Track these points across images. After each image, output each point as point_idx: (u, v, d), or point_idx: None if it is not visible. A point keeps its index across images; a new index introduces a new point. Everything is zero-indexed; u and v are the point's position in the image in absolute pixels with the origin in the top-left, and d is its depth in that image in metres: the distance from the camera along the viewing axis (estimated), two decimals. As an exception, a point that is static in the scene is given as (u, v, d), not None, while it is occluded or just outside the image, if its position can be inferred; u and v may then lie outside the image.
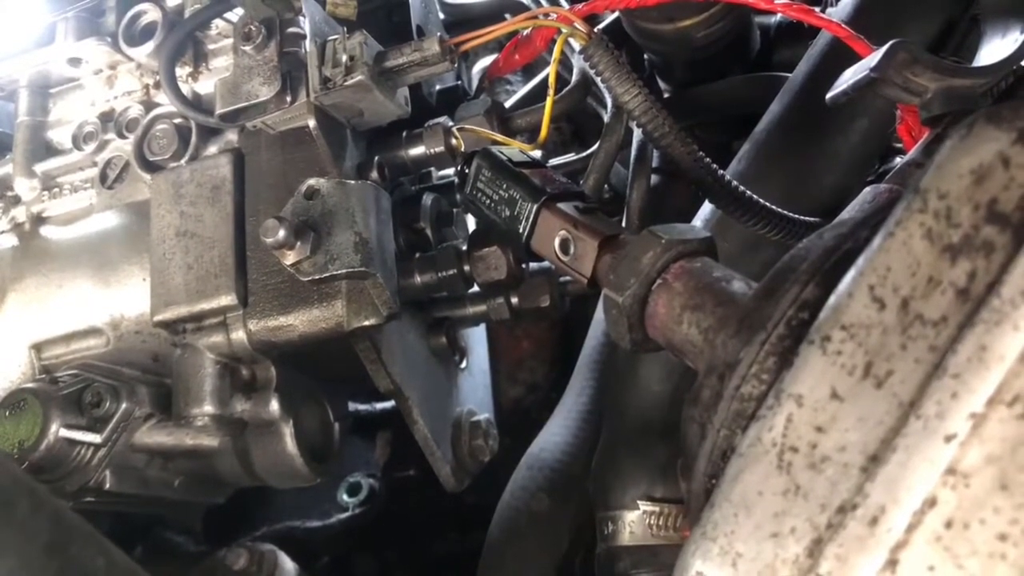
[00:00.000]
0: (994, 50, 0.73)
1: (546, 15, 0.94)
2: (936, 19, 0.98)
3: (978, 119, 0.46)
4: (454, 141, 1.00)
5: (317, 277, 0.88)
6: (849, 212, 0.63)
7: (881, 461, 0.44)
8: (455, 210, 1.12)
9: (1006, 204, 0.44)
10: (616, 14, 1.17)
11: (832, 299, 0.48)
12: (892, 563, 0.42)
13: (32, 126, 1.16)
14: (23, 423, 0.92)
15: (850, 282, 0.48)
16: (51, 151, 1.16)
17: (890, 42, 0.66)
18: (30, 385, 0.96)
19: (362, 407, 1.42)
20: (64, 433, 0.92)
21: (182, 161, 1.04)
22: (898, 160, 1.07)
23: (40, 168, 1.14)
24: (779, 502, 0.47)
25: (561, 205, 0.79)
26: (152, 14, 1.08)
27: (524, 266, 1.01)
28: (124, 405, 0.96)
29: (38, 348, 1.10)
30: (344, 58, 0.90)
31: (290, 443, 0.99)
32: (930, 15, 0.98)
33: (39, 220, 1.14)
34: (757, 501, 0.48)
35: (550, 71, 0.93)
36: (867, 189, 0.65)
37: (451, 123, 1.01)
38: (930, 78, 0.66)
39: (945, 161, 0.46)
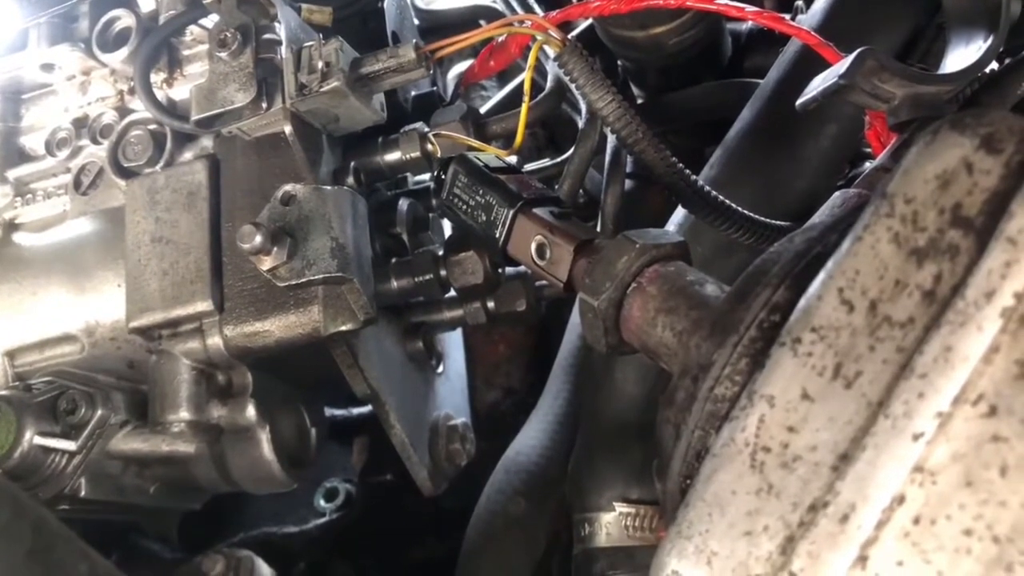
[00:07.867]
0: (959, 57, 0.74)
1: (521, 22, 0.95)
2: (903, 27, 1.00)
3: (943, 125, 0.47)
4: (430, 147, 1.00)
5: (294, 282, 0.88)
6: (819, 216, 0.64)
7: (851, 460, 0.45)
8: (431, 215, 1.12)
9: (970, 208, 0.45)
10: (590, 21, 1.18)
11: (802, 302, 0.50)
12: (862, 559, 0.43)
13: (4, 132, 1.15)
14: (-3, 431, 0.91)
15: (820, 285, 0.49)
16: (24, 157, 1.15)
17: (858, 49, 0.67)
18: (3, 392, 0.95)
19: (339, 412, 1.42)
20: (38, 440, 0.92)
21: (157, 167, 1.03)
22: (867, 165, 1.09)
23: (13, 174, 1.13)
24: (752, 501, 0.48)
25: (537, 210, 0.79)
26: (126, 20, 1.07)
27: (500, 271, 1.02)
28: (99, 412, 0.95)
29: (11, 355, 1.08)
30: (320, 64, 0.90)
31: (267, 449, 0.98)
32: (897, 23, 1.00)
33: (12, 227, 1.13)
34: (731, 500, 0.48)
35: (525, 77, 0.94)
36: (837, 194, 0.66)
37: (427, 129, 1.02)
38: (897, 84, 0.67)
39: (911, 167, 0.47)
